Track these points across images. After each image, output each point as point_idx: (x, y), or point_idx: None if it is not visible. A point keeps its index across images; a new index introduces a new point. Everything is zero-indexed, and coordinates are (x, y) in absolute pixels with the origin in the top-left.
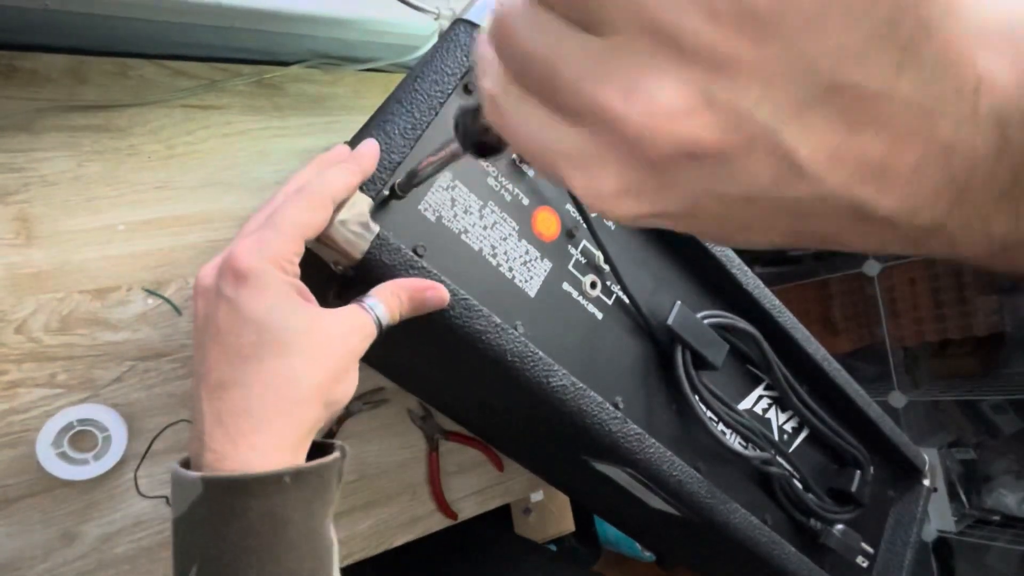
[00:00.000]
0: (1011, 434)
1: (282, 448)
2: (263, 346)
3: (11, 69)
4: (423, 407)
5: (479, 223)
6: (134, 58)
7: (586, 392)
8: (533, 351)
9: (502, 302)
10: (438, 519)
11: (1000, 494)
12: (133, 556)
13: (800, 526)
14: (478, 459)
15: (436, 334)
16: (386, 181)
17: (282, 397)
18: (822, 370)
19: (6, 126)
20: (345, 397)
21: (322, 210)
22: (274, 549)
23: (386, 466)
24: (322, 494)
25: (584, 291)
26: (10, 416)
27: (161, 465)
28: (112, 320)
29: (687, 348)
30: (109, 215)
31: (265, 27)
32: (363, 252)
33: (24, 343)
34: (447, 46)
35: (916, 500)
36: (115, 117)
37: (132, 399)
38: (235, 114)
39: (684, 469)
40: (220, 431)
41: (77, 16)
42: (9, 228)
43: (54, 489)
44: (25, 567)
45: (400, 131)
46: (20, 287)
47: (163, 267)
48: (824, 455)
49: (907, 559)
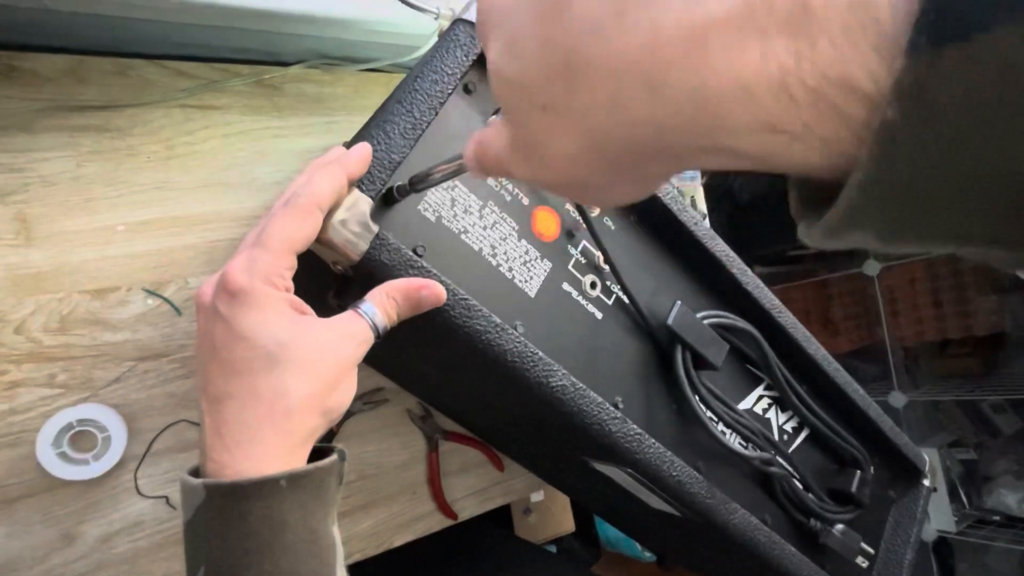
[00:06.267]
0: (1011, 434)
1: (276, 457)
2: (254, 361)
3: (11, 69)
4: (423, 407)
5: (479, 223)
6: (134, 58)
7: (586, 392)
8: (533, 351)
9: (502, 302)
10: (438, 519)
11: (1000, 494)
12: (133, 556)
13: (800, 526)
14: (478, 459)
15: (436, 334)
16: (386, 181)
17: (273, 409)
18: (822, 370)
19: (6, 126)
20: (341, 405)
21: (310, 220)
22: (273, 550)
23: (386, 466)
24: (319, 496)
25: (584, 291)
26: (10, 416)
27: (161, 465)
28: (112, 320)
29: (687, 348)
30: (109, 215)
31: (265, 27)
32: (362, 252)
33: (24, 343)
34: (447, 46)
35: (916, 500)
36: (115, 117)
37: (132, 399)
38: (235, 114)
39: (684, 469)
40: (219, 442)
41: (77, 16)
42: (8, 228)
43: (54, 489)
44: (25, 567)
45: (400, 131)
46: (20, 287)
47: (163, 267)
48: (824, 455)
49: (907, 559)
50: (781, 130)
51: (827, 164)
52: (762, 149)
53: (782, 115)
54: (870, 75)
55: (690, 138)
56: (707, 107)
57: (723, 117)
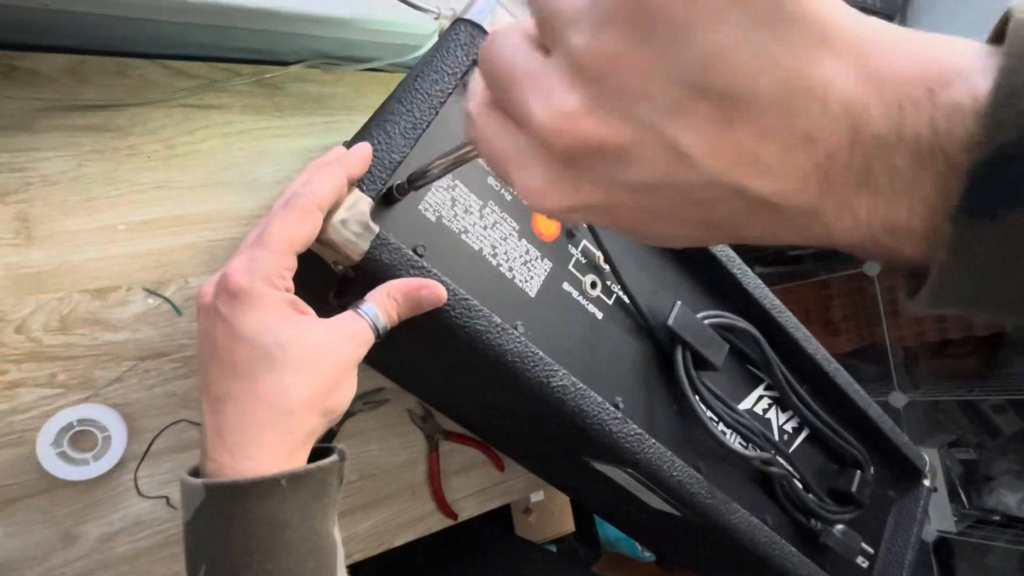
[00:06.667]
0: (1011, 434)
1: (277, 457)
2: (255, 362)
3: (11, 69)
4: (423, 407)
5: (479, 223)
6: (134, 58)
7: (586, 392)
8: (533, 351)
9: (502, 302)
10: (438, 519)
11: (1000, 494)
12: (133, 556)
13: (800, 526)
14: (478, 459)
15: (436, 334)
16: (386, 181)
17: (273, 410)
18: (822, 370)
19: (6, 126)
20: (342, 405)
21: (310, 220)
22: (274, 550)
23: (386, 466)
24: (320, 496)
25: (584, 291)
26: (10, 416)
27: (161, 465)
28: (112, 320)
29: (687, 348)
30: (109, 215)
31: (265, 26)
32: (363, 252)
33: (24, 343)
34: (447, 46)
35: (916, 500)
36: (115, 117)
37: (132, 399)
38: (235, 114)
39: (684, 469)
40: (219, 443)
41: (77, 16)
42: (9, 228)
43: (54, 489)
44: (25, 567)
45: (400, 131)
46: (20, 287)
47: (163, 267)
48: (824, 455)
49: (907, 559)
50: (870, 254)
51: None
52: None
53: (870, 251)
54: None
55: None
56: (814, 239)
57: (827, 242)
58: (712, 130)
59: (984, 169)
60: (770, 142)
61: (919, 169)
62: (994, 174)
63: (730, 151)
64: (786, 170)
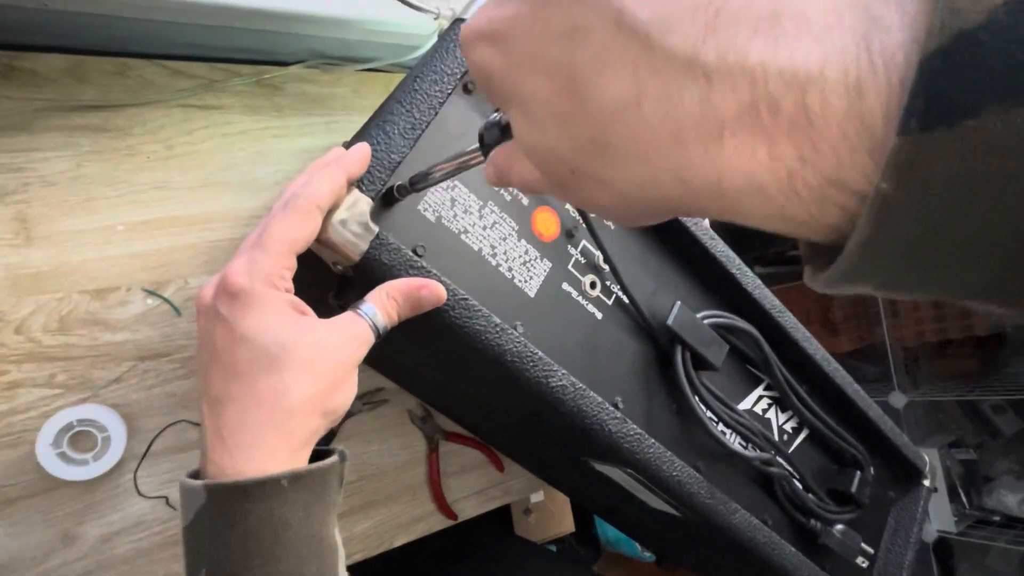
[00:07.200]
0: (1011, 434)
1: (277, 459)
2: (255, 363)
3: (10, 69)
4: (423, 407)
5: (479, 223)
6: (134, 58)
7: (586, 392)
8: (533, 351)
9: (502, 302)
10: (438, 519)
11: (1000, 494)
12: (133, 557)
13: (800, 526)
14: (478, 459)
15: (436, 334)
16: (386, 181)
17: (274, 411)
18: (822, 370)
19: (5, 126)
20: (342, 406)
21: (309, 221)
22: (275, 551)
23: (386, 467)
24: (321, 497)
25: (584, 291)
26: (10, 416)
27: (160, 466)
28: (111, 320)
29: (687, 348)
30: (108, 215)
31: (265, 27)
32: (362, 253)
33: (23, 343)
34: (447, 46)
35: (916, 500)
36: (114, 117)
37: (131, 399)
38: (234, 114)
39: (684, 469)
40: (219, 444)
41: (77, 16)
42: (8, 228)
43: (54, 489)
44: (24, 568)
45: (400, 131)
46: (19, 287)
47: (162, 267)
48: (824, 455)
49: (907, 559)
50: (790, 218)
51: (832, 238)
52: (775, 226)
53: (791, 208)
54: (865, 177)
55: (713, 213)
56: (725, 197)
57: (739, 205)
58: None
59: (941, 59)
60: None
61: (855, 98)
62: (955, 65)
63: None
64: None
